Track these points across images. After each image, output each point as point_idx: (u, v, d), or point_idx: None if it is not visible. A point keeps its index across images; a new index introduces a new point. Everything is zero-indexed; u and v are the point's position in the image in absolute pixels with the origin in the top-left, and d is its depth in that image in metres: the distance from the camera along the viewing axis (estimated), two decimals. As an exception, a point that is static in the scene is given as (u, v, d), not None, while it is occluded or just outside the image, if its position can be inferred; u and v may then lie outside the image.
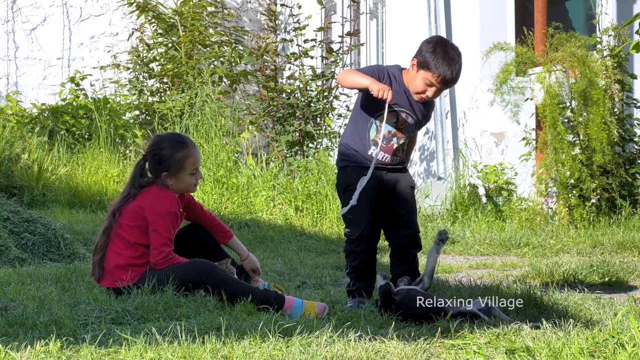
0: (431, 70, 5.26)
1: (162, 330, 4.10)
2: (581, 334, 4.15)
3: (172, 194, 5.30)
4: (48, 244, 7.32)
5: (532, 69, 9.32)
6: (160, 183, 5.30)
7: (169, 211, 5.23)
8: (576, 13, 11.70)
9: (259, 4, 15.22)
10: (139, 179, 5.36)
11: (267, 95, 11.55)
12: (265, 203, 10.08)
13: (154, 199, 5.25)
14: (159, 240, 5.17)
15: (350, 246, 5.45)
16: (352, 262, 5.44)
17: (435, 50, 5.28)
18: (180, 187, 5.35)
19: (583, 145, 9.15)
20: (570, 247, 8.02)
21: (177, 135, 5.72)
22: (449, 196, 10.05)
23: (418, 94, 5.34)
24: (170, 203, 5.25)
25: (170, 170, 5.30)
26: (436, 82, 5.28)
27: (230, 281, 5.10)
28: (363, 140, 5.40)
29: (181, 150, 5.34)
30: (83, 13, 14.52)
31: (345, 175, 5.46)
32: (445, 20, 11.24)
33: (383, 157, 5.40)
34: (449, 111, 11.11)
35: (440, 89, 5.32)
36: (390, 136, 5.39)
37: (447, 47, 5.33)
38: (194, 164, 5.35)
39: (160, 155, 5.34)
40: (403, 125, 5.39)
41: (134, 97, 13.56)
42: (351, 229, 5.42)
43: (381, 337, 4.18)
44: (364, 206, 5.38)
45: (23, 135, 12.04)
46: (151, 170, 5.36)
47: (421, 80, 5.30)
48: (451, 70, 5.26)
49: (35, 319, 4.37)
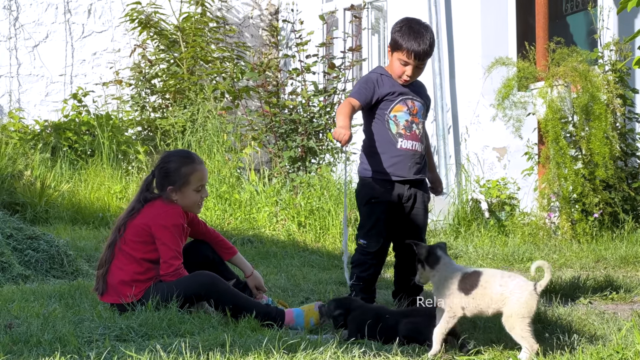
0: (400, 48, 5.39)
1: (166, 347, 4.10)
2: (586, 349, 4.15)
3: (177, 207, 5.30)
4: (51, 260, 7.32)
5: (534, 84, 9.33)
6: (165, 197, 5.31)
7: (175, 223, 5.24)
8: (577, 28, 11.73)
9: (261, 20, 15.25)
10: (145, 193, 5.38)
11: (270, 111, 11.55)
12: (268, 219, 10.08)
13: (159, 212, 5.26)
14: (168, 254, 5.17)
15: (364, 257, 5.47)
16: (362, 272, 5.46)
17: (401, 29, 5.43)
18: (185, 202, 5.35)
19: (585, 160, 9.15)
20: (574, 261, 8.01)
21: (185, 151, 5.77)
22: (452, 211, 10.05)
23: (400, 77, 5.45)
24: (176, 215, 5.26)
25: (176, 185, 5.31)
26: (409, 59, 5.40)
27: (233, 294, 5.11)
28: (387, 138, 5.46)
29: (188, 165, 5.37)
30: (85, 30, 14.54)
31: (369, 187, 5.49)
32: (447, 36, 11.26)
33: (414, 145, 5.46)
34: (451, 126, 11.12)
35: (417, 65, 5.43)
36: (409, 124, 5.48)
37: (413, 23, 5.47)
38: (200, 179, 5.36)
39: (167, 168, 5.37)
40: (415, 111, 5.48)
41: (136, 113, 13.56)
42: (369, 242, 5.45)
43: (385, 353, 4.18)
44: (384, 220, 5.42)
45: (26, 151, 12.04)
46: (158, 185, 5.38)
47: (397, 62, 5.45)
48: (418, 43, 5.38)
49: (40, 336, 4.37)
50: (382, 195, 5.44)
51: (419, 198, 5.55)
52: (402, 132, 5.46)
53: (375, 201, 5.44)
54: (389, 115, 5.46)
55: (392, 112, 5.46)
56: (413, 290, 5.56)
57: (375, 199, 5.45)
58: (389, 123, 5.47)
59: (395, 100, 5.46)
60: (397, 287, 5.68)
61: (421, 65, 5.46)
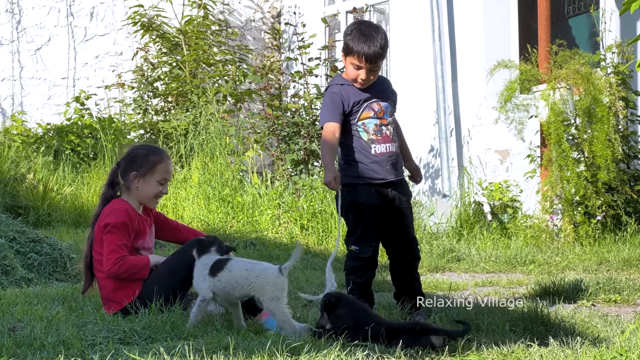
0: (352, 52, 5.40)
1: (170, 350, 4.10)
2: (589, 351, 4.15)
3: (123, 204, 5.31)
4: (54, 264, 7.33)
5: (536, 87, 9.33)
6: (125, 186, 5.34)
7: (116, 222, 5.25)
8: (580, 30, 11.73)
9: (263, 23, 15.25)
10: (108, 189, 5.41)
11: (272, 113, 11.56)
12: (271, 222, 10.08)
13: (104, 214, 5.30)
14: (107, 249, 5.22)
15: (358, 263, 5.48)
16: (359, 279, 5.48)
17: (351, 33, 5.44)
18: (146, 192, 5.36)
19: (588, 162, 9.15)
20: (576, 264, 8.00)
21: (155, 145, 5.86)
22: (454, 214, 10.05)
23: (355, 82, 5.45)
24: (120, 213, 5.27)
25: (141, 170, 5.34)
26: (360, 62, 5.40)
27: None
28: (360, 146, 5.47)
29: (156, 154, 5.43)
30: (88, 33, 14.55)
31: (353, 193, 5.50)
32: (449, 38, 11.26)
33: (387, 148, 5.48)
34: (454, 129, 11.12)
35: (370, 68, 5.40)
36: (379, 127, 5.47)
37: (363, 26, 5.46)
38: (165, 172, 5.41)
39: (135, 154, 5.42)
40: (381, 113, 5.46)
41: (139, 116, 13.57)
42: (361, 247, 5.46)
43: (389, 355, 4.18)
44: (372, 224, 5.43)
45: (28, 155, 12.05)
46: (122, 173, 5.39)
47: (350, 66, 5.45)
48: (368, 46, 5.36)
49: (43, 340, 4.37)
50: (368, 200, 5.46)
51: (402, 197, 5.56)
52: (373, 138, 5.46)
53: (361, 207, 5.46)
54: (357, 124, 5.47)
55: (360, 120, 5.47)
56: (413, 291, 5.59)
57: (361, 204, 5.46)
58: (359, 132, 5.48)
59: (361, 108, 5.46)
60: (398, 289, 5.70)
61: (375, 67, 5.43)
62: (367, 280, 5.52)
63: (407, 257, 5.61)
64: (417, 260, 5.66)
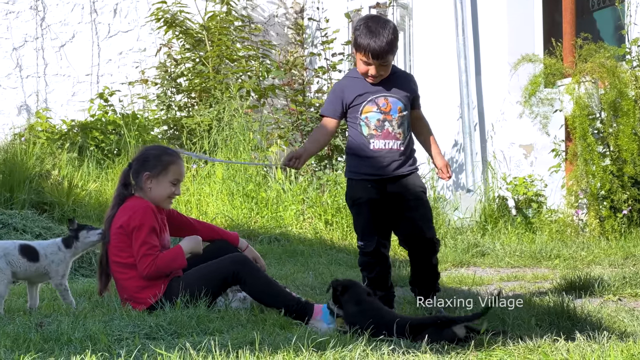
0: (359, 48, 5.38)
1: (196, 345, 4.10)
2: (616, 346, 4.13)
3: (144, 204, 5.30)
4: (80, 259, 7.36)
5: (561, 81, 9.29)
6: (137, 187, 5.33)
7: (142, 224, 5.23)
8: (604, 23, 11.66)
9: (286, 18, 15.26)
10: (122, 190, 5.41)
11: (296, 109, 11.57)
12: (295, 217, 10.09)
13: (122, 213, 5.29)
14: (139, 252, 5.20)
15: (365, 258, 5.51)
16: (370, 274, 5.50)
17: (359, 29, 5.41)
18: (158, 192, 5.35)
19: (613, 156, 9.10)
20: (602, 258, 7.96)
21: (167, 146, 5.86)
22: (479, 208, 10.02)
23: (366, 77, 5.43)
24: (145, 215, 5.26)
25: (154, 171, 5.33)
26: (368, 59, 5.37)
27: (266, 275, 5.18)
28: (360, 140, 5.46)
29: (169, 155, 5.43)
30: (111, 29, 14.61)
31: (351, 188, 5.53)
32: (472, 32, 11.23)
33: (387, 144, 5.46)
34: (477, 123, 11.09)
35: (380, 64, 5.37)
36: (381, 123, 5.44)
37: (370, 22, 5.41)
38: (178, 173, 5.39)
39: (147, 155, 5.41)
40: (387, 108, 5.43)
41: (162, 112, 13.61)
42: (364, 242, 5.48)
43: (415, 350, 4.17)
44: (371, 220, 5.44)
45: (53, 151, 12.10)
46: (134, 173, 5.38)
47: (360, 62, 5.43)
48: (374, 41, 5.32)
49: (70, 335, 4.39)
50: (364, 195, 5.45)
51: (408, 191, 5.51)
52: (373, 133, 5.43)
53: (359, 202, 5.46)
54: (360, 117, 5.44)
55: (363, 113, 5.44)
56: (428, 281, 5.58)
57: (358, 199, 5.46)
58: (360, 126, 5.45)
59: (364, 101, 5.44)
60: (413, 278, 5.70)
61: (384, 63, 5.39)
62: (378, 274, 5.50)
63: (419, 251, 5.58)
64: (431, 253, 5.60)
